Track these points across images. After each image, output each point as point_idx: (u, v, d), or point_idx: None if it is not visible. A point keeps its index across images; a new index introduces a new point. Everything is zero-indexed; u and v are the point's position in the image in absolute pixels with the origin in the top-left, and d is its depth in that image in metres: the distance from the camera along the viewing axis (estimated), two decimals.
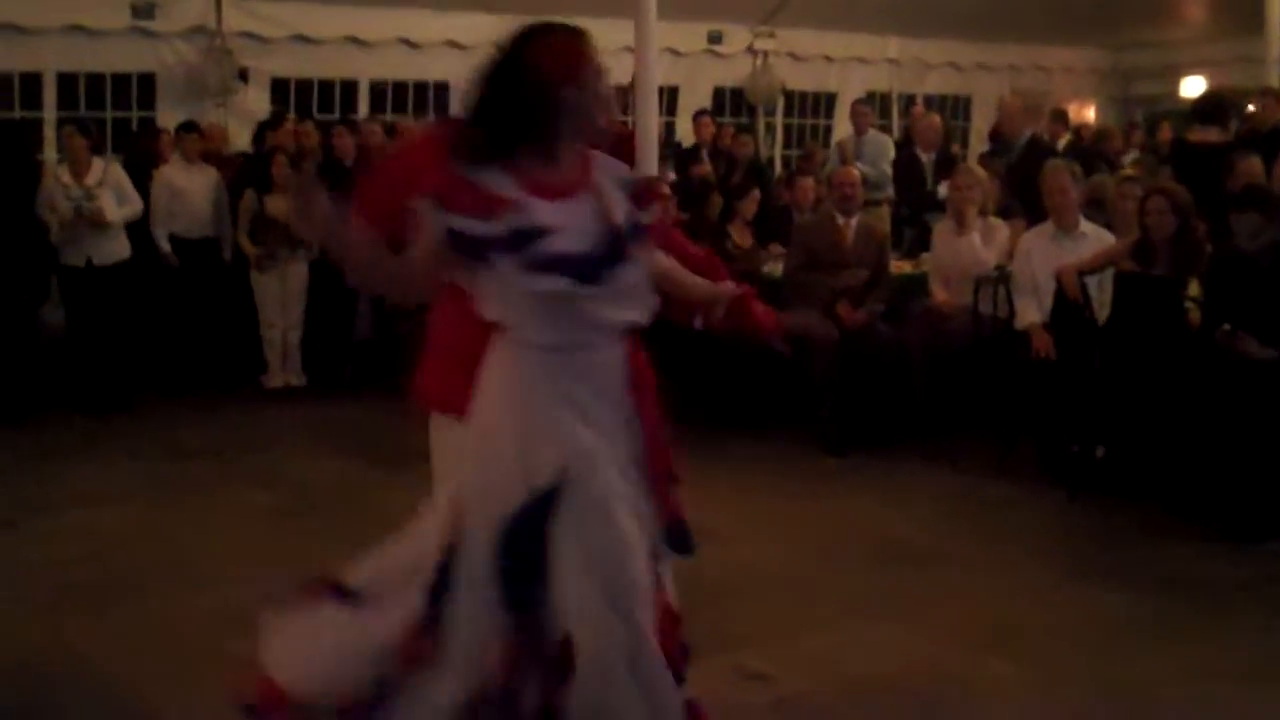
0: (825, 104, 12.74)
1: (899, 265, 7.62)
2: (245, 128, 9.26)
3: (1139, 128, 12.23)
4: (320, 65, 9.90)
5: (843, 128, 11.89)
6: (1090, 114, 13.81)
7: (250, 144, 9.03)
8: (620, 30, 6.76)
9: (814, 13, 11.34)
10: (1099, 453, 5.97)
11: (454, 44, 9.74)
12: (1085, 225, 6.41)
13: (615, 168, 2.75)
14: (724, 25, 11.47)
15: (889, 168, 10.08)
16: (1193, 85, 12.96)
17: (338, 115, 9.66)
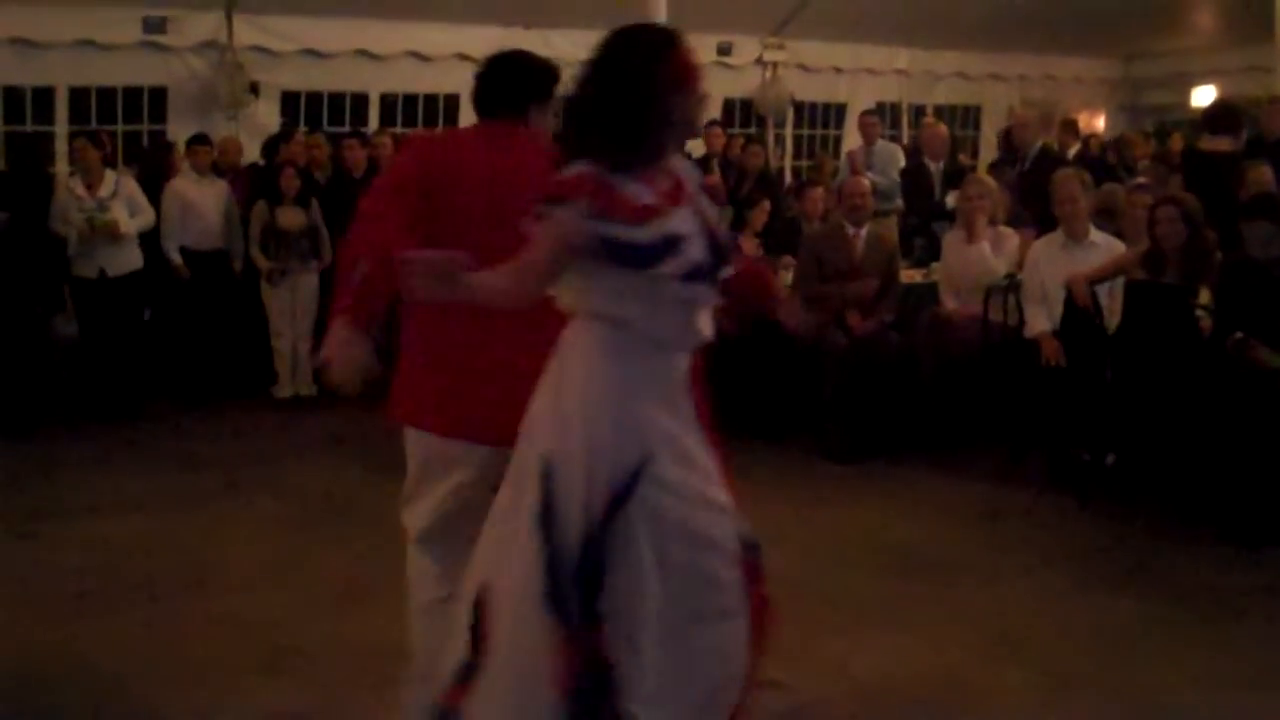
0: (835, 115, 12.77)
1: (908, 274, 7.62)
2: (256, 141, 9.31)
3: (1150, 137, 12.21)
4: (330, 78, 9.97)
5: (852, 138, 11.88)
6: (1100, 124, 13.78)
7: (260, 157, 9.07)
8: None
9: (823, 24, 11.38)
10: (1109, 461, 5.97)
11: (464, 56, 9.71)
12: (1095, 234, 6.40)
13: (692, 171, 2.80)
14: (734, 37, 11.52)
15: (899, 177, 10.08)
16: (1203, 94, 12.92)
17: (348, 128, 9.69)
